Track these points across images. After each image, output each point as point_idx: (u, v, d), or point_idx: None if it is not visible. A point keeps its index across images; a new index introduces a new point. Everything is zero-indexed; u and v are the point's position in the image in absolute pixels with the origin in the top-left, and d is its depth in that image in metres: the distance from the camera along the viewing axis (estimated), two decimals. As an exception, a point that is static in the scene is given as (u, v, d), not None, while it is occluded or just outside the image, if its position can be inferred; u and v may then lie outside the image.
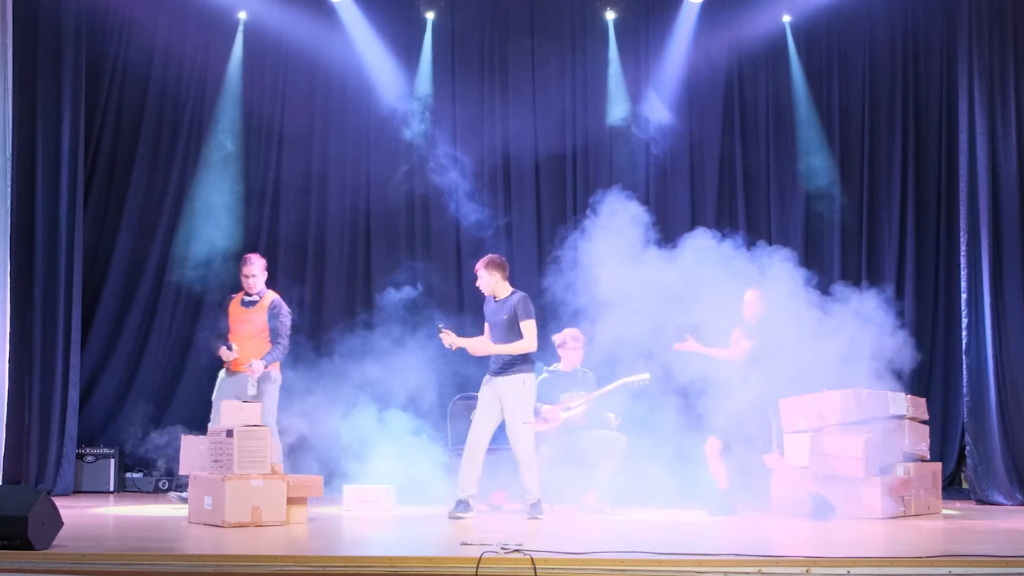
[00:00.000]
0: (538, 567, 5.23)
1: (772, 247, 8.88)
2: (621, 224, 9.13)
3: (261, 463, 7.29)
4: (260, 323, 8.28)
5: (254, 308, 8.30)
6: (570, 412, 8.66)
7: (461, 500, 7.78)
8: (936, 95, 10.56)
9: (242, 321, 8.30)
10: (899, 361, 8.52)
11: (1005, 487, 9.37)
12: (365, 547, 6.46)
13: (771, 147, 10.82)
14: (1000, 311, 9.57)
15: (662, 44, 10.78)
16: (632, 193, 9.29)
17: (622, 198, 9.19)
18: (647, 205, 9.53)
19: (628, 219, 9.12)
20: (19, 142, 9.25)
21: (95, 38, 10.06)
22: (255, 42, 10.71)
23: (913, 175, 10.55)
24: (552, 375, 8.85)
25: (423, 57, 10.80)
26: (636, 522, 7.82)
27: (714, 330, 8.49)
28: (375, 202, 10.75)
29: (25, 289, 9.36)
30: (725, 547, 5.93)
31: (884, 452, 8.31)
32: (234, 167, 10.61)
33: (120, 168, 10.31)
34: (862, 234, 10.49)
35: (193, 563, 5.45)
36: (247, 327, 8.28)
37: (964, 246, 9.75)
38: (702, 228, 9.08)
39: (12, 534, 5.64)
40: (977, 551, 5.96)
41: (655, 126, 10.55)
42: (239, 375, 8.17)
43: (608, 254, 9.02)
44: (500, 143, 10.83)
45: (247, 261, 8.40)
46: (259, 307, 8.30)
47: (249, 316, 8.29)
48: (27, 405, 9.33)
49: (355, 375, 9.90)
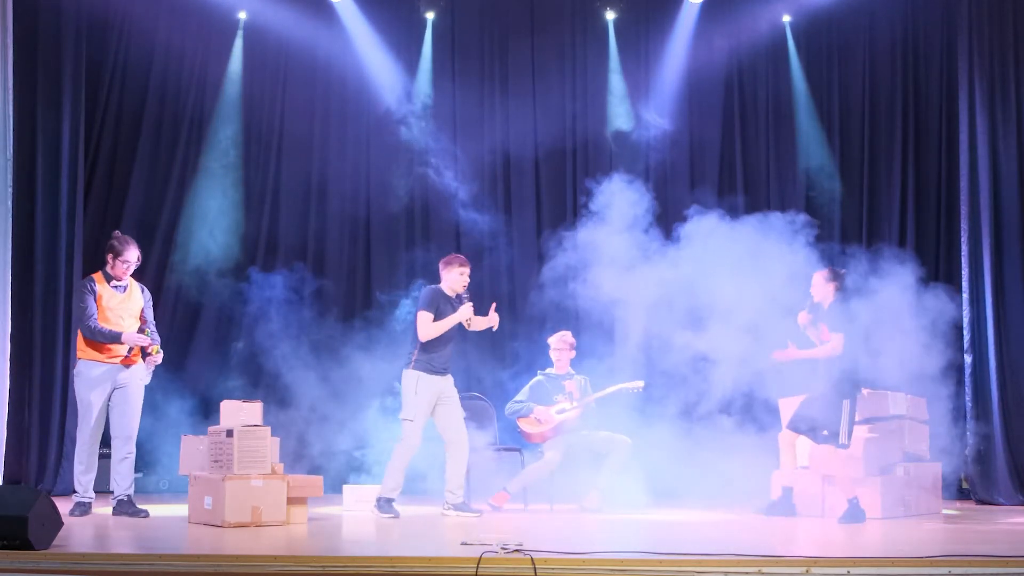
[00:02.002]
0: (538, 567, 5.24)
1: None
2: (621, 223, 9.17)
3: (261, 463, 7.29)
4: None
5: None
6: (564, 415, 8.67)
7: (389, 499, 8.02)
8: (936, 95, 10.55)
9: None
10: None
11: (1005, 487, 9.37)
12: (365, 547, 6.46)
13: (771, 147, 10.82)
14: (1001, 311, 9.57)
15: (662, 44, 10.78)
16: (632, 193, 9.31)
17: (622, 197, 9.22)
18: (647, 204, 9.56)
19: (629, 217, 9.16)
20: (19, 142, 9.24)
21: (95, 38, 10.05)
22: (255, 42, 10.70)
23: (913, 175, 10.54)
24: (546, 378, 8.88)
25: (423, 57, 10.80)
26: (636, 522, 7.82)
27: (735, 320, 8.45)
28: (375, 201, 10.75)
29: (25, 289, 9.36)
30: (725, 547, 5.93)
31: (884, 452, 8.32)
32: (234, 167, 10.61)
33: (120, 168, 10.30)
34: (862, 234, 10.49)
35: (193, 563, 5.45)
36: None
37: (965, 246, 9.75)
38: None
39: (12, 534, 5.64)
40: (977, 551, 5.97)
41: (655, 126, 10.55)
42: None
43: (608, 254, 9.05)
44: (500, 143, 10.83)
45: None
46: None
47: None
48: (27, 405, 9.33)
49: (355, 375, 9.91)
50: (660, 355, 9.36)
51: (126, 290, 7.97)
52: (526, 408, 8.72)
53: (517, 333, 10.48)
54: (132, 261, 7.93)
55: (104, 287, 7.89)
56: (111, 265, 7.91)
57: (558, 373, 8.90)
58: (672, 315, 8.99)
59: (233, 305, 10.29)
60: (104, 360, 7.84)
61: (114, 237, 8.01)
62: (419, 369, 8.01)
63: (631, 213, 9.56)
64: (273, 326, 10.20)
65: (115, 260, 7.88)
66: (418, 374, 8.00)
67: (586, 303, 10.13)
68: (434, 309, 8.06)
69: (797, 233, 8.87)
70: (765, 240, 8.78)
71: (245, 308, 10.23)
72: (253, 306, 10.21)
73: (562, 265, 9.78)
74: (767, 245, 8.74)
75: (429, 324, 8.02)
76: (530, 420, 8.71)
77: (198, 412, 9.73)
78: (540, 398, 8.77)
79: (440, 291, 8.15)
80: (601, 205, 9.66)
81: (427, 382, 8.01)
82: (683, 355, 9.42)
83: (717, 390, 9.01)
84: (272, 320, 10.20)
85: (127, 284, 7.98)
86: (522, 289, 10.55)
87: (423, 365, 8.03)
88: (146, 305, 8.10)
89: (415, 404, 7.97)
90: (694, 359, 9.35)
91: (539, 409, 8.68)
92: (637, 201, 9.57)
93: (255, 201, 10.70)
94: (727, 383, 9.01)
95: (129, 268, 7.93)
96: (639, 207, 9.59)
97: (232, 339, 10.29)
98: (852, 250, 9.70)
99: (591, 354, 9.71)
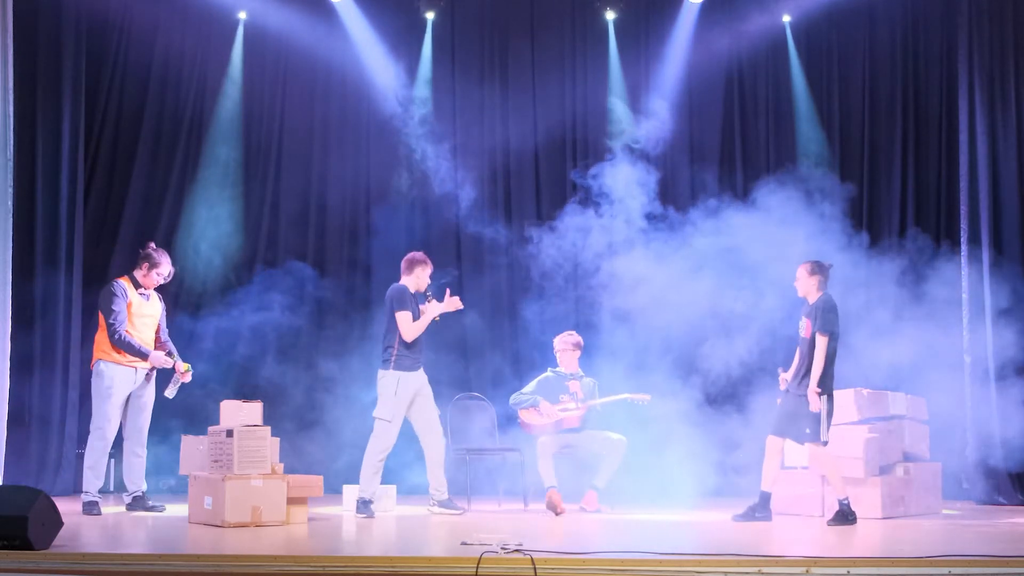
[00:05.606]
0: (538, 567, 5.23)
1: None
2: (622, 223, 9.19)
3: (261, 463, 7.29)
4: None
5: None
6: (567, 413, 8.68)
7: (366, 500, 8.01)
8: (936, 95, 10.56)
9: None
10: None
11: (1005, 487, 9.37)
12: (365, 547, 6.46)
13: (771, 147, 10.82)
14: (1001, 310, 9.56)
15: (662, 44, 10.79)
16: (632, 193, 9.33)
17: (622, 197, 9.23)
18: (647, 204, 9.57)
19: (629, 217, 9.18)
20: (19, 142, 9.24)
21: (95, 38, 10.05)
22: (255, 42, 10.71)
23: (913, 175, 10.55)
24: (555, 375, 8.89)
25: (423, 57, 10.80)
26: (636, 522, 7.82)
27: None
28: (375, 200, 10.75)
29: (25, 289, 9.35)
30: (725, 547, 5.93)
31: (884, 452, 8.32)
32: (234, 168, 10.62)
33: (120, 168, 10.30)
34: (862, 233, 10.49)
35: (193, 563, 5.45)
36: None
37: (964, 245, 9.75)
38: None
39: (12, 534, 5.64)
40: (977, 551, 5.96)
41: (655, 126, 10.55)
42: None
43: (609, 253, 9.06)
44: (500, 143, 10.84)
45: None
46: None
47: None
48: (27, 405, 9.32)
49: (355, 376, 9.91)
50: (658, 360, 9.38)
51: (149, 299, 8.17)
52: (532, 400, 8.71)
53: (517, 334, 10.49)
54: (165, 275, 8.15)
55: (134, 294, 8.05)
56: (144, 274, 8.09)
57: (566, 372, 8.90)
58: (673, 315, 8.99)
59: (233, 305, 10.28)
60: (126, 364, 7.98)
61: (150, 248, 8.19)
62: (400, 368, 8.02)
63: (631, 213, 9.58)
64: (272, 325, 10.20)
65: (150, 270, 8.08)
66: (399, 374, 8.01)
67: (587, 303, 10.16)
68: (410, 308, 8.08)
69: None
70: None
71: (245, 308, 10.22)
72: (253, 306, 10.20)
73: (562, 264, 9.78)
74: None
75: (411, 323, 8.04)
76: (532, 412, 8.71)
77: (197, 412, 9.71)
78: (546, 394, 8.75)
79: (407, 289, 8.18)
80: (601, 205, 9.67)
81: (407, 381, 8.03)
82: (683, 355, 9.45)
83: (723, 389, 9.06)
84: (272, 320, 10.20)
85: (150, 293, 8.17)
86: (520, 288, 10.54)
87: (403, 364, 8.04)
88: (162, 316, 8.28)
89: (394, 405, 7.99)
90: (694, 359, 9.38)
91: (544, 403, 8.67)
92: (637, 201, 9.58)
93: (255, 201, 10.70)
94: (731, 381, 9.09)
95: (160, 280, 8.15)
96: (639, 207, 9.60)
97: (232, 338, 10.27)
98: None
99: (591, 354, 9.71)
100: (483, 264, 10.64)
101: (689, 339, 9.24)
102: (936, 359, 10.08)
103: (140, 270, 8.10)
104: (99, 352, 7.99)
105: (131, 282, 8.09)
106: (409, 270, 8.23)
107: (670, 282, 8.95)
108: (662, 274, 9.01)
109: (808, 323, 7.72)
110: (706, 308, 9.02)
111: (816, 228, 10.37)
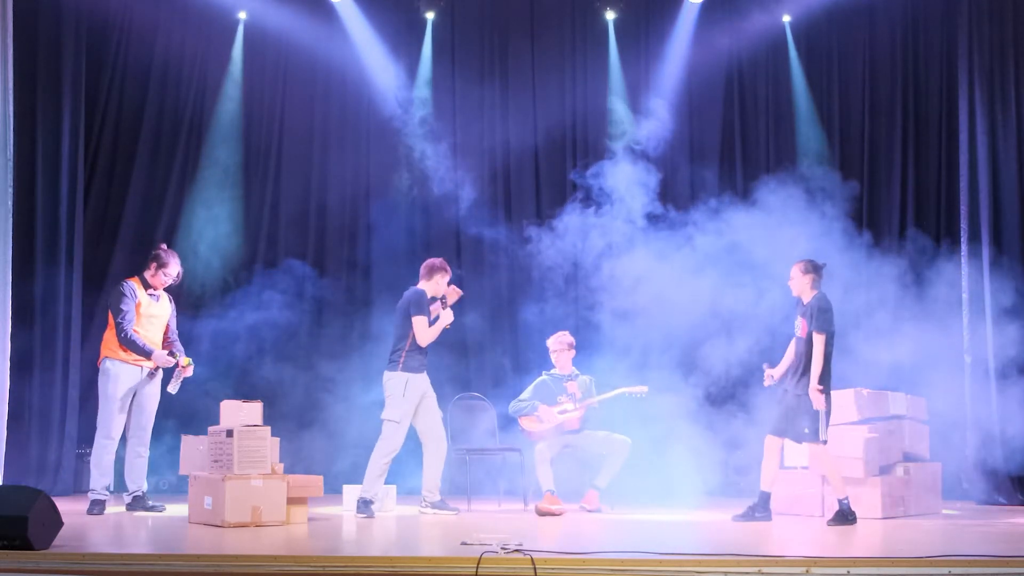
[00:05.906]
0: (538, 567, 5.23)
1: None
2: (622, 223, 9.19)
3: (261, 463, 7.29)
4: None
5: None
6: (566, 415, 8.67)
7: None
8: (936, 95, 10.56)
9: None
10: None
11: (1005, 487, 9.37)
12: (365, 547, 6.46)
13: (771, 147, 10.82)
14: (1000, 310, 9.56)
15: (662, 44, 10.78)
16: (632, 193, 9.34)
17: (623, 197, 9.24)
18: (648, 204, 9.58)
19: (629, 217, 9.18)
20: (19, 142, 9.24)
21: (95, 38, 10.05)
22: (255, 42, 10.71)
23: (913, 175, 10.54)
24: (550, 378, 8.89)
25: (423, 57, 10.80)
26: (636, 522, 7.82)
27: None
28: (375, 200, 10.75)
29: (25, 289, 9.35)
30: (725, 547, 5.93)
31: (884, 452, 8.32)
32: (233, 167, 10.62)
33: (120, 169, 10.31)
34: (862, 233, 10.49)
35: (193, 563, 5.45)
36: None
37: (964, 245, 9.75)
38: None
39: (12, 534, 5.64)
40: (977, 551, 5.96)
41: (655, 125, 10.55)
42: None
43: (608, 253, 9.05)
44: (500, 143, 10.84)
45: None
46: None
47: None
48: (27, 405, 9.33)
49: (355, 376, 9.91)
50: (658, 360, 9.38)
51: (159, 299, 8.21)
52: (530, 407, 8.71)
53: (518, 333, 10.49)
54: (173, 276, 8.20)
55: (143, 294, 8.09)
56: (152, 274, 8.14)
57: (561, 374, 8.90)
58: (673, 315, 9.00)
59: (233, 305, 10.28)
60: (132, 363, 8.01)
61: (160, 248, 8.25)
62: (408, 370, 8.04)
63: (631, 213, 9.57)
64: (272, 325, 10.21)
65: (158, 271, 8.13)
66: (407, 376, 8.03)
67: (587, 303, 10.15)
68: (427, 313, 8.10)
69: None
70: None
71: (245, 308, 10.22)
72: (253, 305, 10.20)
73: (562, 264, 9.78)
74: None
75: (427, 328, 8.06)
76: (532, 419, 8.71)
77: (197, 412, 9.71)
78: (543, 398, 8.75)
79: (426, 294, 8.21)
80: (601, 204, 9.67)
81: (415, 383, 8.05)
82: (683, 355, 9.45)
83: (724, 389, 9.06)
84: (272, 320, 10.20)
85: (159, 293, 8.21)
86: (520, 288, 10.54)
87: (411, 365, 8.06)
88: (172, 316, 8.31)
89: (402, 406, 8.00)
90: (694, 359, 9.38)
91: (543, 408, 8.68)
92: (637, 201, 9.57)
93: (255, 201, 10.70)
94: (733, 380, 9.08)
95: (168, 281, 8.19)
96: (639, 207, 9.60)
97: (232, 338, 10.27)
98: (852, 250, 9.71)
99: (592, 353, 9.71)
100: (483, 264, 10.64)
101: (689, 339, 9.25)
102: (936, 359, 10.09)
103: (149, 270, 8.16)
104: (106, 350, 8.04)
105: (141, 282, 8.15)
106: (429, 275, 8.26)
107: (670, 282, 8.95)
108: (662, 274, 9.01)
109: (803, 322, 7.71)
110: (706, 308, 9.03)
111: (816, 228, 10.39)
